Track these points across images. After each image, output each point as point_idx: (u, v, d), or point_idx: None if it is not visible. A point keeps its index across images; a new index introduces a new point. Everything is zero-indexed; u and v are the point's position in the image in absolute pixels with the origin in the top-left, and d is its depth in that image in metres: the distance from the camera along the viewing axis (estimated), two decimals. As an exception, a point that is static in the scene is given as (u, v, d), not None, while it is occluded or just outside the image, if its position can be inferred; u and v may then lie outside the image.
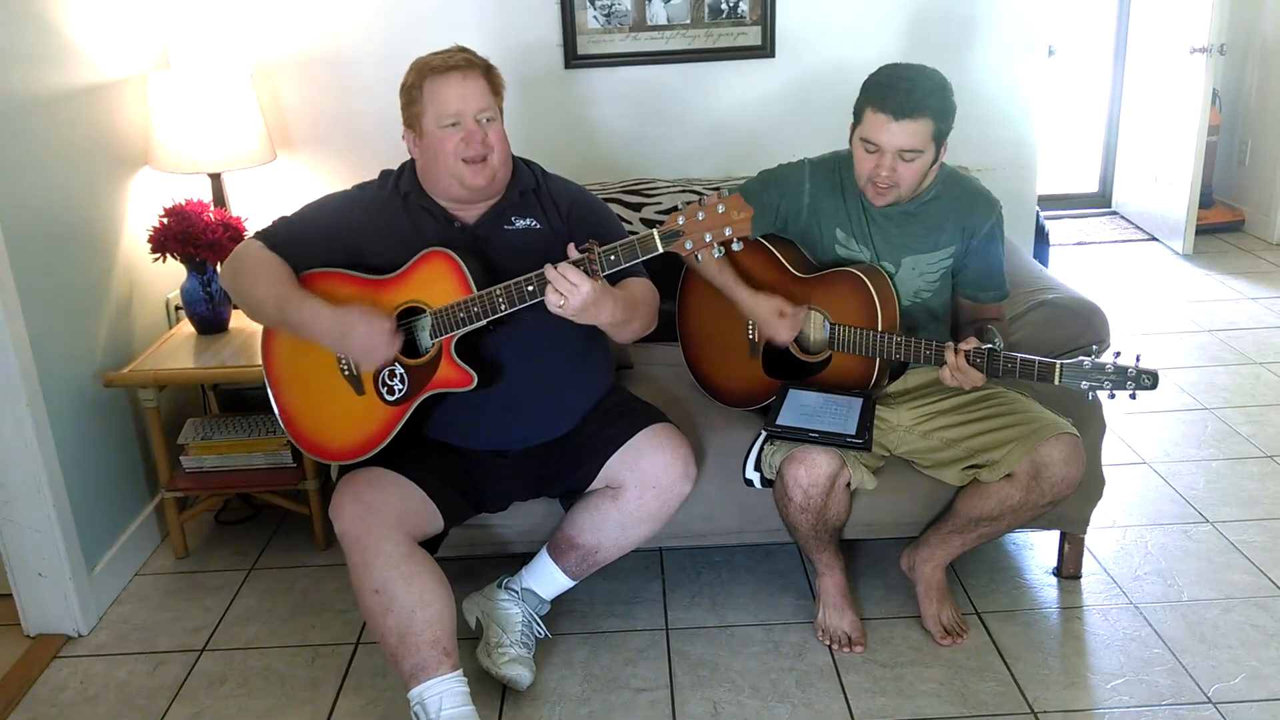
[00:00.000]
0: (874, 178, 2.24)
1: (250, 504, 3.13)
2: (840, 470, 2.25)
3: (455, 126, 2.14)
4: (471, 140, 2.14)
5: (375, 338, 2.08)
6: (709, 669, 2.38)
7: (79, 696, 2.38)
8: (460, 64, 2.15)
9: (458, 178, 2.17)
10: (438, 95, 2.14)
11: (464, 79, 2.14)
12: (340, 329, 2.09)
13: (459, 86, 2.14)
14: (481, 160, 2.16)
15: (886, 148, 2.20)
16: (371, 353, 2.10)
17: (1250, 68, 5.59)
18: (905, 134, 2.17)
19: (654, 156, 3.39)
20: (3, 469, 2.45)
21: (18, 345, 2.38)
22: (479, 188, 2.19)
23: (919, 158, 2.21)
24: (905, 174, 2.23)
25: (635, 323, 2.18)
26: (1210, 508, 2.95)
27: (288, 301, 2.15)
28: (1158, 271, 5.14)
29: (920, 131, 2.18)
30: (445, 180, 2.20)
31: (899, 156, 2.20)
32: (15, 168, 2.43)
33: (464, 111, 2.14)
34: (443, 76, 2.14)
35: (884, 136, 2.19)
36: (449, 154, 2.15)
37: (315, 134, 3.33)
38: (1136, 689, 2.26)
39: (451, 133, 2.15)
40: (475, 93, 2.15)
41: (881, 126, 2.18)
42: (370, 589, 2.06)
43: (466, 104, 2.14)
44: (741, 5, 3.26)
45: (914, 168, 2.22)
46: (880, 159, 2.22)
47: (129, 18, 2.99)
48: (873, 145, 2.22)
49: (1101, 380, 2.04)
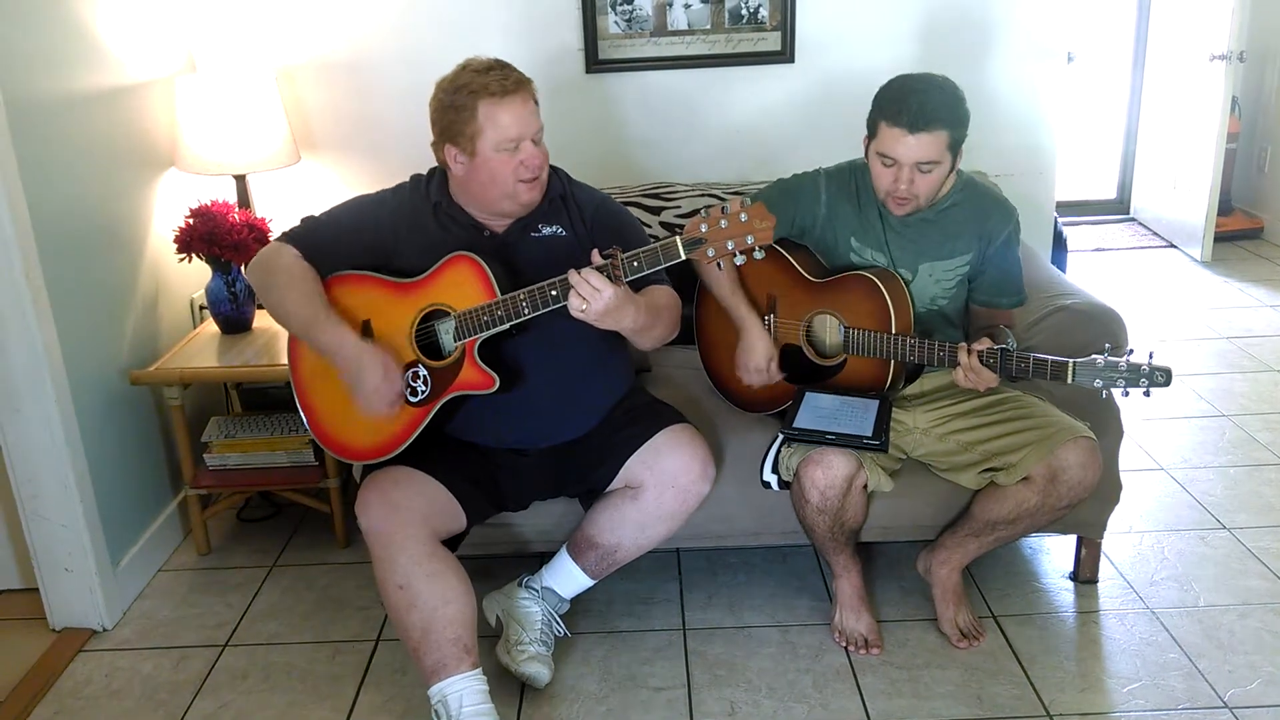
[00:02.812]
0: (893, 191, 2.26)
1: (272, 502, 3.16)
2: (857, 472, 2.26)
3: (515, 150, 2.16)
4: (531, 164, 2.16)
5: (385, 387, 2.15)
6: (726, 669, 2.40)
7: (103, 690, 2.41)
8: (513, 86, 2.14)
9: (513, 197, 2.19)
10: (497, 120, 2.12)
11: (524, 102, 2.15)
12: (357, 368, 2.15)
13: (521, 109, 2.14)
14: (536, 179, 2.19)
15: (904, 161, 2.21)
16: (375, 401, 2.16)
17: (1270, 75, 5.57)
18: (921, 147, 2.18)
19: (674, 161, 3.41)
20: (31, 465, 2.48)
21: (47, 343, 2.42)
22: (532, 203, 2.22)
23: (936, 168, 2.22)
24: (923, 185, 2.24)
25: (657, 329, 2.20)
26: (1227, 514, 2.95)
27: (315, 324, 2.19)
28: (1176, 278, 5.13)
29: (936, 143, 2.19)
30: (498, 200, 2.21)
31: (916, 169, 2.21)
32: (45, 168, 2.46)
33: (524, 134, 2.15)
34: (501, 101, 2.12)
35: (900, 150, 2.20)
36: (508, 176, 2.16)
37: (339, 137, 3.37)
38: (1152, 693, 2.27)
39: (511, 156, 2.15)
40: (531, 114, 2.16)
41: (897, 141, 2.19)
42: (394, 585, 2.09)
43: (528, 127, 2.15)
44: (762, 11, 3.28)
45: (932, 178, 2.24)
46: (898, 172, 2.23)
47: (156, 22, 3.03)
48: (889, 159, 2.23)
49: (1115, 378, 2.05)
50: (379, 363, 2.14)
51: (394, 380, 2.16)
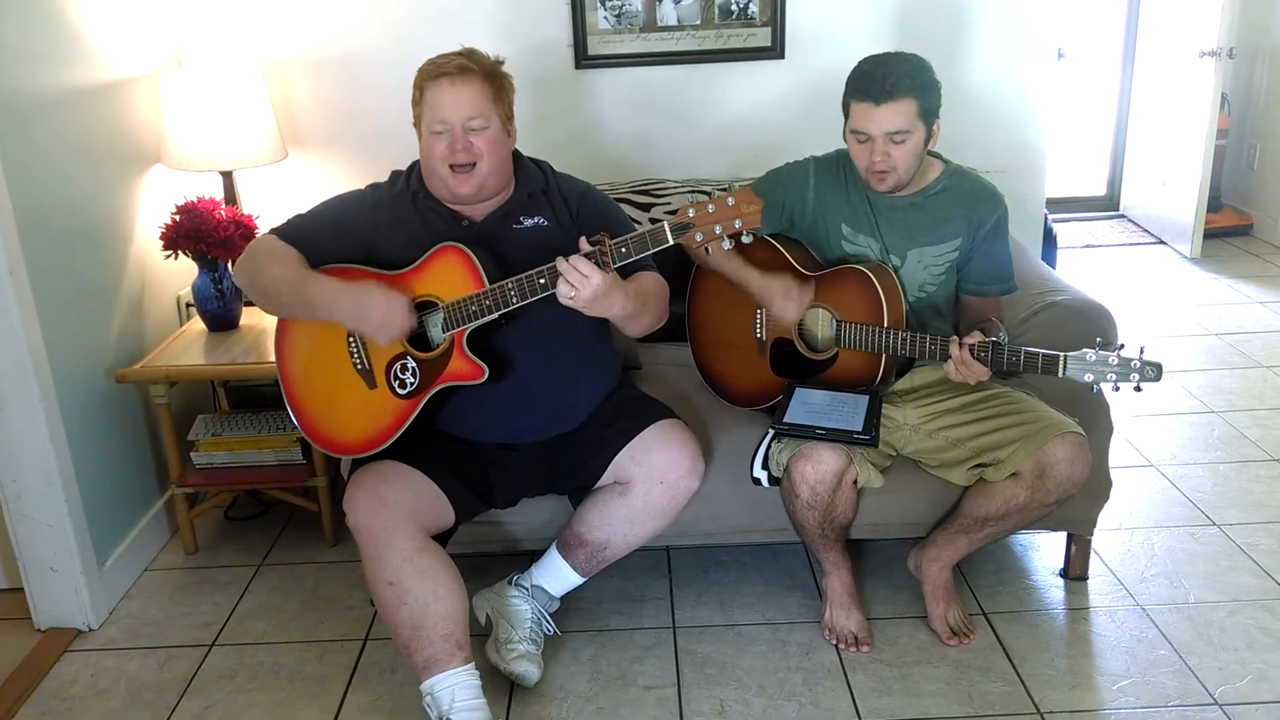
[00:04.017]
0: (871, 166, 2.29)
1: (259, 500, 3.15)
2: (847, 467, 2.26)
3: (443, 134, 2.16)
4: (454, 149, 2.16)
5: (393, 310, 2.09)
6: (716, 667, 2.39)
7: (89, 690, 2.39)
8: (453, 70, 2.15)
9: (444, 182, 2.21)
10: (431, 100, 2.16)
11: (453, 85, 2.14)
12: (357, 302, 2.10)
13: (450, 93, 2.15)
14: (468, 168, 2.18)
15: (875, 134, 2.25)
16: (388, 325, 2.10)
17: (1259, 72, 5.59)
18: (888, 116, 2.22)
19: (663, 157, 3.40)
20: (15, 464, 2.46)
21: (31, 341, 2.39)
22: (464, 195, 2.21)
23: (909, 138, 2.25)
24: (899, 156, 2.27)
25: (646, 316, 2.20)
26: (1217, 510, 2.95)
27: (304, 281, 2.17)
28: (1165, 275, 5.14)
29: (904, 111, 2.22)
30: (436, 185, 2.24)
31: (889, 140, 2.25)
32: (29, 165, 2.44)
33: (452, 119, 2.15)
34: (438, 82, 2.15)
35: (869, 124, 2.24)
36: (436, 159, 2.18)
37: (326, 133, 3.35)
38: (1142, 690, 2.27)
39: (439, 139, 2.17)
40: (466, 100, 2.15)
41: (866, 114, 2.24)
42: (384, 582, 2.08)
43: (455, 111, 2.15)
44: (751, 6, 3.27)
45: (906, 149, 2.27)
46: (872, 146, 2.27)
47: (142, 17, 3.01)
48: (863, 135, 2.27)
49: (1105, 372, 2.06)
50: (374, 288, 2.10)
51: (397, 299, 2.10)
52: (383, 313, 2.09)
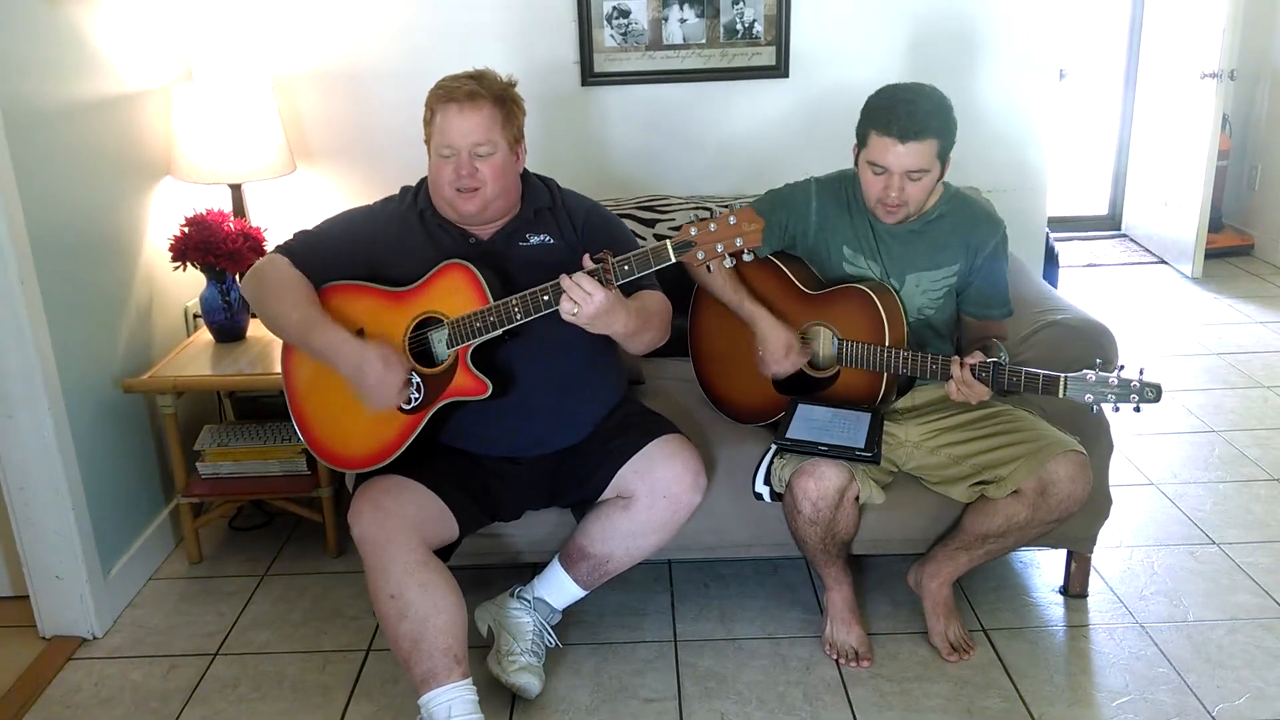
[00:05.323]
0: (883, 199, 2.29)
1: (263, 510, 3.16)
2: (849, 484, 2.27)
3: (450, 158, 2.19)
4: (460, 174, 2.19)
5: (389, 378, 2.13)
6: (716, 681, 2.40)
7: (93, 698, 2.40)
8: (463, 95, 2.17)
9: (450, 204, 2.24)
10: (441, 124, 2.19)
11: (461, 111, 2.17)
12: (357, 368, 2.14)
13: (458, 119, 2.17)
14: (473, 191, 2.21)
15: (894, 169, 2.24)
16: (382, 393, 2.15)
17: (1261, 93, 5.61)
18: (912, 155, 2.21)
19: (668, 174, 3.43)
20: (23, 472, 2.48)
21: (40, 350, 2.42)
22: (469, 215, 2.25)
23: (925, 176, 2.26)
24: (913, 192, 2.28)
25: (648, 333, 2.22)
26: (1217, 529, 2.96)
27: (311, 327, 2.20)
28: (1167, 295, 5.16)
29: (926, 151, 2.22)
30: (442, 204, 2.27)
31: (906, 177, 2.25)
32: (41, 176, 2.47)
33: (459, 145, 2.18)
34: (448, 106, 2.17)
35: (890, 159, 2.23)
36: (443, 182, 2.22)
37: (335, 147, 3.38)
38: (1141, 708, 2.27)
39: (447, 163, 2.20)
40: (474, 126, 2.17)
41: (888, 149, 2.22)
42: (386, 594, 2.09)
43: (463, 138, 2.17)
44: (756, 26, 3.30)
45: (921, 185, 2.27)
46: (889, 180, 2.26)
47: (153, 31, 3.04)
48: (880, 168, 2.26)
49: (1105, 393, 2.08)
50: (378, 354, 2.13)
51: (397, 369, 2.14)
52: (378, 378, 2.13)
